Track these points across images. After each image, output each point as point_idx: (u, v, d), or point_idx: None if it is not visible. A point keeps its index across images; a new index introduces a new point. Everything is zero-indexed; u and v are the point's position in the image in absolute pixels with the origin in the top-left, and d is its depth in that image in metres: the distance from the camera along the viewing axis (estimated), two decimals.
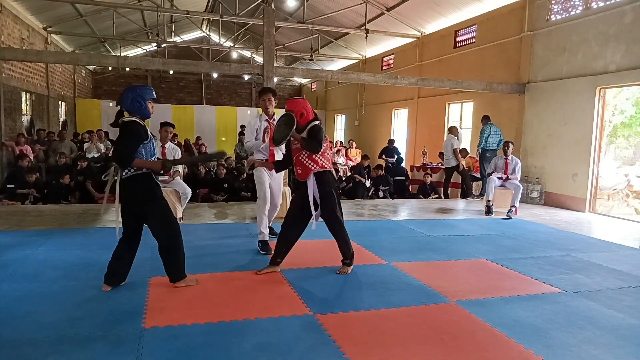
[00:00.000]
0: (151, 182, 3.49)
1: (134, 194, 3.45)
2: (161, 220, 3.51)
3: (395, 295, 3.65)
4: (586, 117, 8.06)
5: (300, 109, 3.92)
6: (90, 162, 10.20)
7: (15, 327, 2.89)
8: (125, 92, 3.47)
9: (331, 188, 3.98)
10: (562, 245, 5.51)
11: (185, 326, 2.95)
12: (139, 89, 3.49)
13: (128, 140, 3.36)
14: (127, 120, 3.43)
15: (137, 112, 3.45)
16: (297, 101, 4.01)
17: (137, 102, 3.43)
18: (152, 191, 3.48)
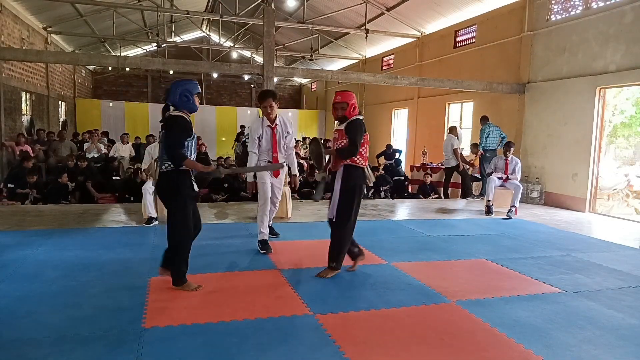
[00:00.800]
0: (186, 181, 3.46)
1: (165, 187, 3.47)
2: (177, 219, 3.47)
3: (395, 295, 3.65)
4: (586, 117, 8.06)
5: (354, 103, 3.90)
6: (91, 162, 10.21)
7: (15, 327, 2.89)
8: (172, 86, 3.46)
9: (355, 185, 3.87)
10: (562, 245, 5.51)
11: (185, 326, 2.95)
12: (187, 84, 3.47)
13: (176, 135, 3.35)
14: (175, 115, 3.41)
15: (184, 106, 3.44)
16: (347, 93, 3.96)
17: (184, 96, 3.42)
18: (180, 188, 3.44)
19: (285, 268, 4.24)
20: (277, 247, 4.98)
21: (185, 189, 3.47)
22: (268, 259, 4.54)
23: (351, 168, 3.87)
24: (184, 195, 3.48)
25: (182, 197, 3.47)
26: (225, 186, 8.81)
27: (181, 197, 3.47)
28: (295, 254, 4.83)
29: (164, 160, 3.43)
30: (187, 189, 3.50)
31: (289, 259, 4.57)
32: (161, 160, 3.47)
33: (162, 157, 3.46)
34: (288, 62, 21.66)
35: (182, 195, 3.46)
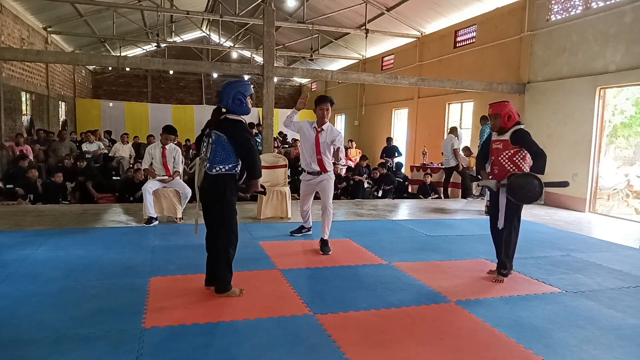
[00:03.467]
0: (235, 186, 3.41)
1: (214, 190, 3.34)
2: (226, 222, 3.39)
3: (395, 295, 3.65)
4: (586, 117, 8.06)
5: (507, 112, 3.92)
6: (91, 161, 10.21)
7: (15, 327, 2.89)
8: (225, 88, 3.33)
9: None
10: (562, 245, 5.51)
11: (185, 326, 2.95)
12: (240, 86, 3.34)
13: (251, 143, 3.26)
14: (236, 119, 3.30)
15: (238, 110, 3.32)
16: (503, 104, 3.98)
17: (238, 99, 3.30)
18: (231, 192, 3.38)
19: (285, 268, 4.24)
20: (278, 247, 4.98)
21: (234, 194, 3.42)
22: (268, 259, 4.54)
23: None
24: (233, 200, 3.42)
25: (231, 202, 3.41)
26: None
27: (231, 202, 3.40)
28: (295, 254, 4.83)
29: (216, 163, 3.30)
30: (233, 193, 3.42)
31: (289, 259, 4.57)
32: (212, 162, 3.31)
33: (213, 159, 3.30)
34: (288, 62, 21.66)
35: (231, 200, 3.40)
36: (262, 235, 5.53)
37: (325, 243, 4.86)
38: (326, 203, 4.87)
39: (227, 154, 3.31)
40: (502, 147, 3.96)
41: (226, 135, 3.28)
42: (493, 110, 3.98)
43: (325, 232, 4.88)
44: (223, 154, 3.29)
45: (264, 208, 6.57)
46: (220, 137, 3.29)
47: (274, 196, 6.61)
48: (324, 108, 4.70)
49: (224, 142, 3.28)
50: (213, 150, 3.31)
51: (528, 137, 3.90)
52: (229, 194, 3.38)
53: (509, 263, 4.07)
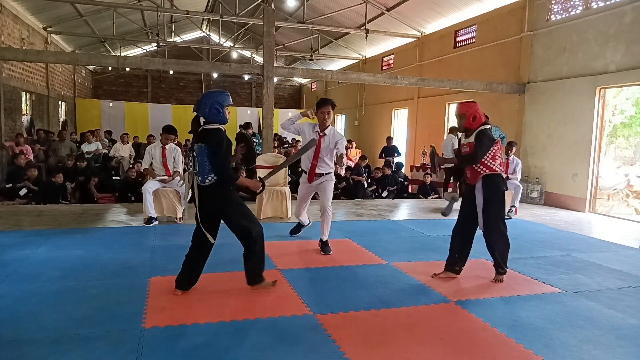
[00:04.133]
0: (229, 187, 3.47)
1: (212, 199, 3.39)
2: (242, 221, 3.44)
3: (395, 295, 3.65)
4: (586, 117, 8.06)
5: (472, 112, 3.89)
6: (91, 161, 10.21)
7: (15, 327, 2.89)
8: (203, 98, 3.37)
9: (497, 194, 3.88)
10: (562, 245, 5.50)
11: (185, 326, 2.95)
12: (218, 96, 3.38)
13: (224, 154, 3.29)
14: (212, 129, 3.33)
15: (214, 119, 3.34)
16: (469, 104, 3.98)
17: (214, 109, 3.33)
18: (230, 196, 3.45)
19: (285, 268, 4.24)
20: (278, 247, 4.98)
21: (232, 194, 3.50)
22: (268, 259, 4.54)
23: (489, 177, 3.87)
24: (235, 199, 3.49)
25: (236, 201, 3.49)
26: None
27: (236, 201, 3.48)
28: (295, 254, 4.84)
29: (206, 173, 3.33)
30: (234, 194, 3.52)
31: (289, 259, 4.57)
32: (201, 174, 3.35)
33: (202, 170, 3.34)
34: (288, 62, 21.66)
35: (236, 200, 3.49)
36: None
37: (325, 244, 4.85)
38: (325, 204, 4.80)
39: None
40: (470, 150, 3.91)
41: (206, 144, 3.32)
42: (459, 111, 3.95)
43: (324, 234, 4.85)
44: (209, 163, 3.33)
45: (264, 208, 6.57)
46: (202, 148, 3.33)
47: (274, 196, 6.61)
48: (325, 111, 4.61)
49: (207, 151, 3.32)
50: (200, 162, 3.35)
51: (483, 138, 3.82)
52: (231, 196, 3.45)
53: (503, 260, 4.03)
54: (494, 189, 3.87)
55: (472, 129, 3.89)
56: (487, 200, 3.85)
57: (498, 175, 3.91)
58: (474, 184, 3.91)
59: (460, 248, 4.07)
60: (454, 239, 4.11)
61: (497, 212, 3.92)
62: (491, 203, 3.87)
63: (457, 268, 4.10)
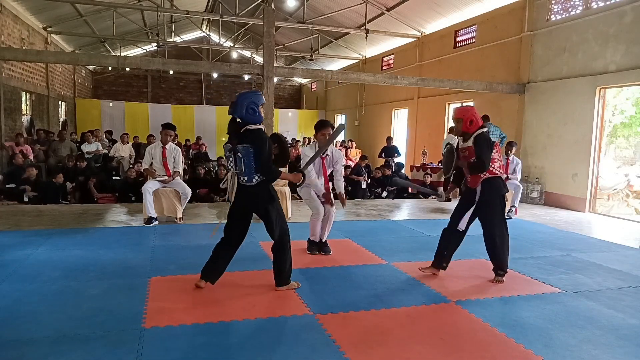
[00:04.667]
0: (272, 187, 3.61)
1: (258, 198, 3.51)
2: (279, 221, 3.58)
3: (395, 295, 3.65)
4: (586, 117, 8.06)
5: (469, 117, 3.92)
6: (91, 161, 10.21)
7: (15, 327, 2.89)
8: (238, 99, 3.46)
9: (497, 197, 3.92)
10: (562, 245, 5.51)
11: (185, 326, 2.95)
12: (252, 96, 3.48)
13: (268, 151, 3.39)
14: (256, 129, 3.43)
15: (250, 119, 3.43)
16: (465, 109, 4.02)
17: (251, 109, 3.42)
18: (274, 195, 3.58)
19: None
20: None
21: (276, 195, 3.63)
22: (268, 259, 4.53)
23: (489, 181, 3.90)
24: (277, 198, 3.63)
25: (277, 201, 3.61)
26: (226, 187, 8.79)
27: (277, 201, 3.60)
28: (295, 254, 4.82)
29: (252, 174, 3.44)
30: (276, 193, 3.65)
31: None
32: (248, 174, 3.45)
33: (249, 170, 3.44)
34: (288, 62, 21.66)
35: (277, 200, 3.60)
36: (262, 235, 5.47)
37: (325, 244, 4.89)
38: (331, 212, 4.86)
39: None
40: (469, 155, 3.94)
41: (252, 145, 3.41)
42: (456, 115, 3.99)
43: (325, 235, 4.91)
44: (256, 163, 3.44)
45: None
46: (248, 149, 3.42)
47: None
48: (326, 133, 4.64)
49: (254, 152, 3.42)
50: (246, 162, 3.44)
51: (482, 142, 3.85)
52: (275, 196, 3.61)
53: (504, 262, 4.04)
54: (495, 192, 3.91)
55: (469, 132, 3.92)
56: (488, 204, 3.88)
57: (498, 178, 3.94)
58: (474, 187, 3.93)
59: (450, 247, 4.12)
60: (445, 237, 4.16)
61: (499, 215, 3.96)
62: (492, 206, 3.91)
63: (445, 265, 4.14)
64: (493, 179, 3.91)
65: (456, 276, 4.20)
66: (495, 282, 4.03)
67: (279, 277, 3.65)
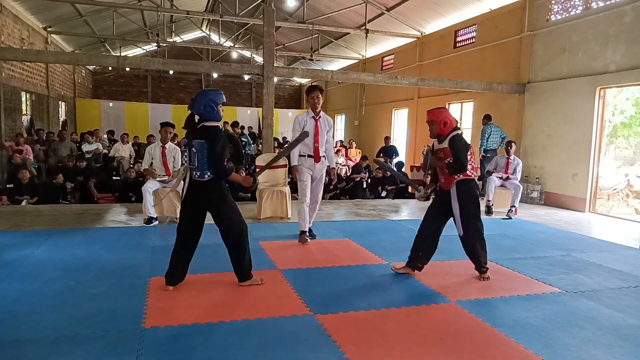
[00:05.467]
0: (225, 184, 3.61)
1: (209, 194, 3.52)
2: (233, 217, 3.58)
3: (395, 295, 3.65)
4: (586, 117, 8.06)
5: (443, 118, 3.93)
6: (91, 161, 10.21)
7: (15, 327, 2.89)
8: (197, 96, 3.50)
9: (471, 198, 3.94)
10: (562, 245, 5.50)
11: (185, 326, 2.95)
12: (212, 94, 3.51)
13: (220, 149, 3.42)
14: (211, 126, 3.47)
15: (209, 116, 3.47)
16: (439, 111, 4.03)
17: (209, 106, 3.46)
18: (225, 193, 3.59)
19: (285, 268, 4.24)
20: (278, 247, 4.98)
21: (227, 192, 3.64)
22: (268, 259, 4.54)
23: (463, 182, 3.91)
24: (230, 196, 3.64)
25: (229, 198, 3.62)
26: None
27: (228, 199, 3.61)
28: (296, 254, 4.83)
29: (205, 170, 3.45)
30: (228, 191, 3.65)
31: (289, 259, 4.57)
32: (201, 169, 3.46)
33: (201, 166, 3.45)
34: (288, 62, 21.65)
35: (228, 197, 3.61)
36: (262, 235, 5.53)
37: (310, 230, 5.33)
38: (318, 197, 5.36)
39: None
40: (444, 156, 3.94)
41: (207, 141, 3.44)
42: (429, 117, 4.00)
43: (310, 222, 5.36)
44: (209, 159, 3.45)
45: (264, 208, 6.57)
46: (202, 144, 3.44)
47: (274, 196, 6.61)
48: (314, 96, 5.07)
49: (207, 147, 3.43)
50: (199, 158, 3.45)
51: (459, 143, 3.87)
52: (227, 194, 3.60)
53: (483, 260, 4.06)
54: (468, 193, 3.93)
55: (444, 134, 3.94)
56: (463, 206, 3.90)
57: (471, 180, 3.96)
58: (448, 189, 3.95)
59: (426, 247, 4.11)
60: (420, 238, 4.15)
61: (474, 216, 3.97)
62: (468, 208, 3.92)
63: (420, 265, 4.14)
64: (467, 181, 3.93)
65: (456, 276, 4.20)
66: (482, 279, 4.04)
67: (240, 273, 3.69)
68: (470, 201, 3.93)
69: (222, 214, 3.56)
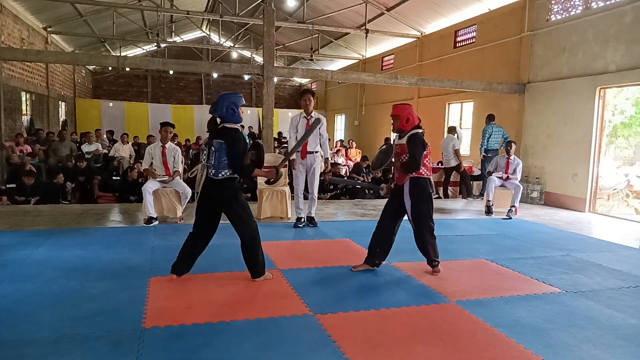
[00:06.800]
0: (237, 185, 3.75)
1: (224, 193, 3.65)
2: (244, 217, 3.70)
3: (395, 295, 3.65)
4: (586, 117, 8.06)
5: (406, 115, 4.01)
6: (91, 161, 10.21)
7: (15, 327, 2.89)
8: (219, 99, 3.63)
9: (424, 195, 4.01)
10: (562, 245, 5.50)
11: (185, 326, 2.95)
12: (233, 97, 3.65)
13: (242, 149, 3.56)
14: (232, 127, 3.61)
15: (230, 119, 3.62)
16: (403, 106, 4.10)
17: (231, 109, 3.60)
18: (238, 192, 3.72)
19: (285, 268, 4.24)
20: (278, 247, 4.98)
21: (240, 192, 3.77)
22: (268, 259, 4.54)
23: (417, 180, 3.97)
24: (241, 195, 3.79)
25: (241, 198, 3.76)
26: None
27: (241, 198, 3.74)
28: (296, 254, 4.84)
29: (221, 168, 3.59)
30: (240, 192, 3.80)
31: (289, 259, 4.57)
32: (216, 168, 3.60)
33: (217, 165, 3.59)
34: (288, 62, 21.66)
35: (241, 197, 3.75)
36: (262, 235, 5.44)
37: (312, 219, 6.00)
38: (313, 190, 5.94)
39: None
40: (400, 151, 4.01)
41: (226, 142, 3.57)
42: (394, 111, 4.08)
43: (312, 212, 6.03)
44: (226, 159, 3.59)
45: (264, 208, 6.57)
46: (221, 145, 3.59)
47: (274, 196, 6.61)
48: (306, 99, 5.76)
49: (226, 148, 3.57)
50: (217, 157, 3.60)
51: (416, 141, 3.92)
52: (239, 194, 3.74)
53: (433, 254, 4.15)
54: (421, 191, 3.99)
55: (405, 130, 3.99)
56: (416, 202, 3.97)
57: (425, 179, 4.03)
58: (401, 184, 4.00)
59: (382, 243, 4.15)
60: (377, 234, 4.19)
61: (426, 212, 4.05)
62: (420, 205, 3.99)
63: (377, 262, 4.18)
64: (421, 179, 3.98)
65: (456, 276, 4.20)
66: (434, 273, 4.12)
67: (254, 270, 3.81)
68: (422, 200, 4.01)
69: (234, 213, 3.67)
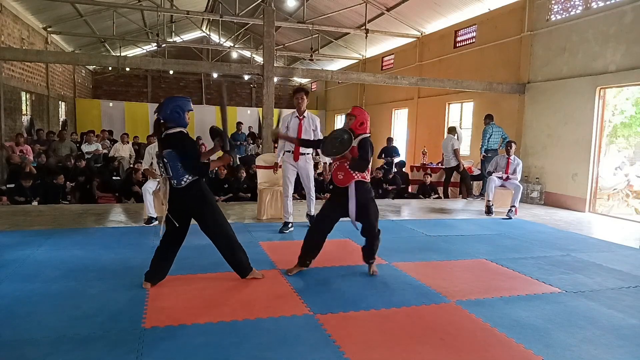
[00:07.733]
0: (204, 185, 3.67)
1: (192, 199, 3.58)
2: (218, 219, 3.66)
3: (395, 295, 3.65)
4: (586, 117, 8.06)
5: (362, 119, 4.04)
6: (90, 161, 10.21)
7: (15, 327, 2.89)
8: (165, 101, 3.57)
9: (369, 198, 4.08)
10: (562, 245, 5.50)
11: (185, 326, 2.95)
12: (179, 100, 3.58)
13: (193, 152, 3.52)
14: (175, 132, 3.53)
15: (175, 121, 3.54)
16: (362, 110, 4.13)
17: (176, 112, 3.53)
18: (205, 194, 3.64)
19: (285, 268, 4.24)
20: (277, 247, 4.98)
21: (209, 193, 3.69)
22: (268, 259, 4.54)
23: (362, 183, 4.01)
24: (211, 197, 3.70)
25: (210, 200, 3.68)
26: (226, 187, 8.81)
27: (210, 200, 3.67)
28: (295, 253, 4.82)
29: (181, 176, 3.50)
30: (209, 194, 3.71)
31: (289, 259, 4.56)
32: (176, 177, 3.51)
33: (176, 174, 3.50)
34: (288, 62, 21.66)
35: (210, 199, 3.67)
36: (262, 235, 5.53)
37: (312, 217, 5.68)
38: (310, 187, 5.72)
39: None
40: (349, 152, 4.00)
41: (174, 149, 3.50)
42: (352, 111, 4.11)
43: (311, 210, 5.82)
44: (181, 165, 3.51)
45: (265, 208, 6.57)
46: (171, 153, 3.50)
47: (274, 196, 6.61)
48: (299, 97, 5.50)
49: (177, 155, 3.49)
50: (172, 166, 3.51)
51: (367, 145, 3.96)
52: (208, 196, 3.66)
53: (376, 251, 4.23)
54: (366, 194, 4.04)
55: (355, 132, 4.01)
56: (363, 205, 4.02)
57: (367, 182, 4.08)
58: (345, 186, 4.00)
59: (316, 243, 4.19)
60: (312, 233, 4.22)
61: (374, 213, 4.14)
62: (368, 207, 4.06)
63: (308, 262, 4.20)
64: (365, 183, 4.03)
65: (456, 276, 4.20)
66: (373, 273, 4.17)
67: (240, 270, 3.79)
68: (370, 199, 4.09)
69: (206, 216, 3.62)
